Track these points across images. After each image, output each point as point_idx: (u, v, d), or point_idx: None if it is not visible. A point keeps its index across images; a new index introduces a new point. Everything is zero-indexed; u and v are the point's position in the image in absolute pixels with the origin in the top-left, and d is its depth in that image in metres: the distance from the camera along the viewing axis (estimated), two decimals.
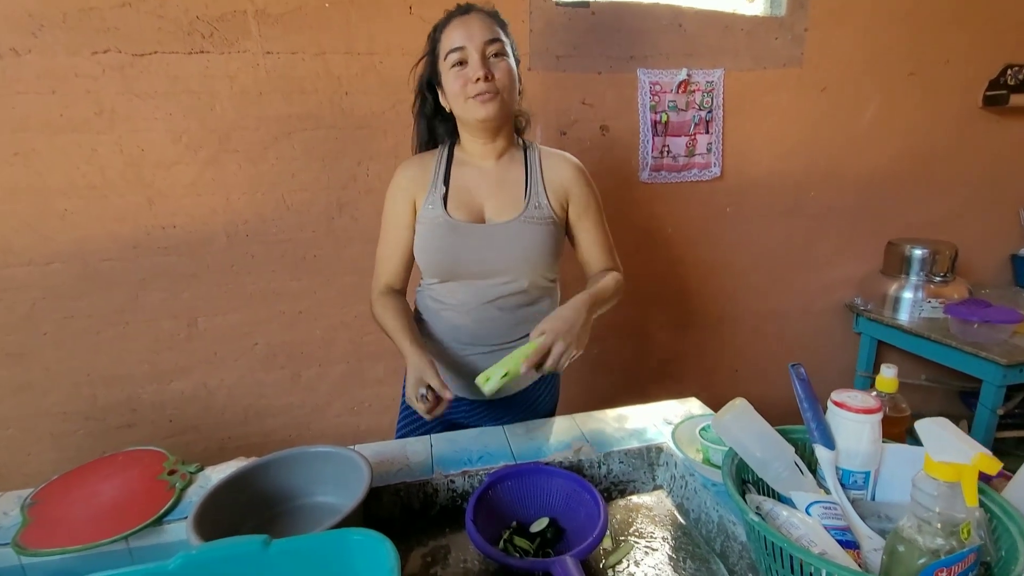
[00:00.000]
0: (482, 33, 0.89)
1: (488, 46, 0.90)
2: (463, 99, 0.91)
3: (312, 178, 1.55)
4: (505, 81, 0.91)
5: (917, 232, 2.06)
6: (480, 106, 0.90)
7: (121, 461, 0.91)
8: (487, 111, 0.91)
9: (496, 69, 0.90)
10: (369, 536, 0.54)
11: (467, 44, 0.89)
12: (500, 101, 0.91)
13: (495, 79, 0.90)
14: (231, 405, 1.64)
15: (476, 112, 0.91)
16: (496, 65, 0.91)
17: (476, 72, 0.88)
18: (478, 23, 0.90)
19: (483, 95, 0.90)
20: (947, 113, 1.99)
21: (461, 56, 0.90)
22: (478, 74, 0.88)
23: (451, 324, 1.02)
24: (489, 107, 0.91)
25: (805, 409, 0.69)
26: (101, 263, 1.47)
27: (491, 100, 0.90)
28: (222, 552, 0.53)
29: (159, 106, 1.42)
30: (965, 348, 1.62)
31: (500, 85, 0.90)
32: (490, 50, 0.90)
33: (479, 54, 0.89)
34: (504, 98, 0.92)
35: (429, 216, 0.97)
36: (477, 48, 0.89)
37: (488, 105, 0.90)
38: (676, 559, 0.75)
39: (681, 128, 1.76)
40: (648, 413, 1.02)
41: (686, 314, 1.99)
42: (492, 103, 0.90)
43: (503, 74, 0.91)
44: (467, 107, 0.92)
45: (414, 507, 0.84)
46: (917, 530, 0.52)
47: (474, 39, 0.89)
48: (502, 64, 0.91)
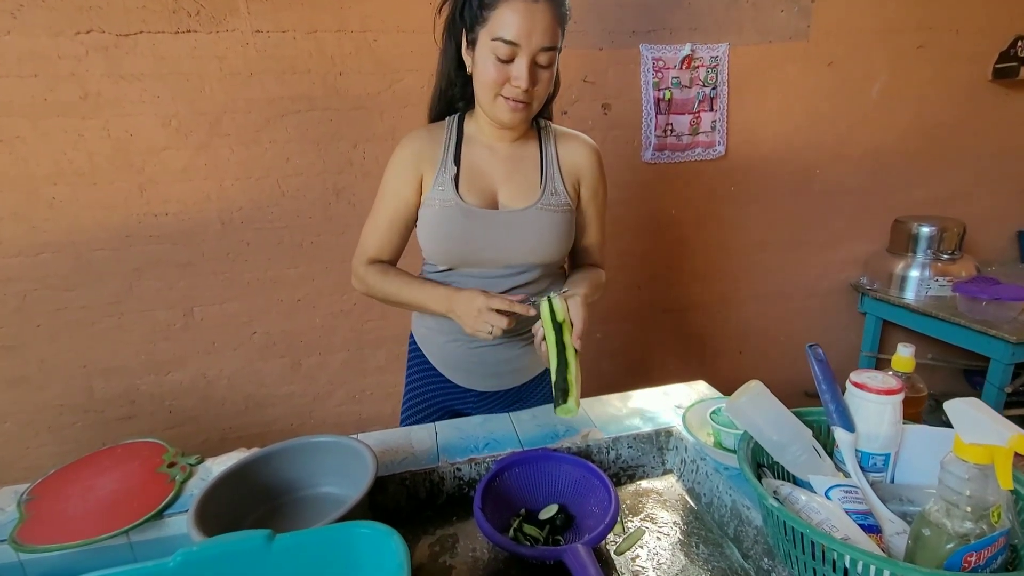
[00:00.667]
0: (542, 36, 0.78)
1: (541, 54, 0.80)
2: (492, 93, 0.83)
3: (307, 162, 1.51)
4: (542, 91, 0.84)
5: (923, 209, 2.03)
6: (508, 111, 0.83)
7: (119, 454, 0.89)
8: (513, 119, 0.84)
9: (539, 80, 0.82)
10: (376, 529, 0.52)
11: (522, 44, 0.78)
12: (530, 110, 0.85)
13: (534, 89, 0.82)
14: (231, 395, 1.63)
15: (502, 115, 0.84)
16: (541, 76, 0.82)
17: (519, 80, 0.80)
18: (543, 20, 0.78)
19: (515, 104, 0.82)
20: (956, 87, 1.95)
21: (510, 53, 0.79)
22: (520, 83, 0.80)
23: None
24: (517, 115, 0.84)
25: (824, 391, 0.67)
26: (93, 252, 1.43)
27: (521, 110, 0.83)
28: (224, 548, 0.51)
29: (146, 88, 1.37)
30: (974, 326, 1.61)
31: (536, 95, 0.84)
32: (542, 59, 0.81)
33: (529, 60, 0.79)
34: (533, 108, 0.85)
35: (439, 198, 0.89)
36: (530, 53, 0.79)
37: (517, 114, 0.84)
38: (688, 544, 0.74)
39: (685, 106, 1.71)
40: (656, 397, 1.01)
41: (690, 296, 1.96)
42: (522, 112, 0.84)
43: (544, 85, 0.83)
44: (494, 105, 0.84)
45: (420, 496, 0.82)
46: (945, 514, 0.51)
47: (532, 42, 0.78)
48: (546, 75, 0.83)
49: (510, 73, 0.80)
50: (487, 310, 0.81)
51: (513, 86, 0.81)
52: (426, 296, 0.90)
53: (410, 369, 1.07)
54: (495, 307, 0.81)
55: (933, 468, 0.63)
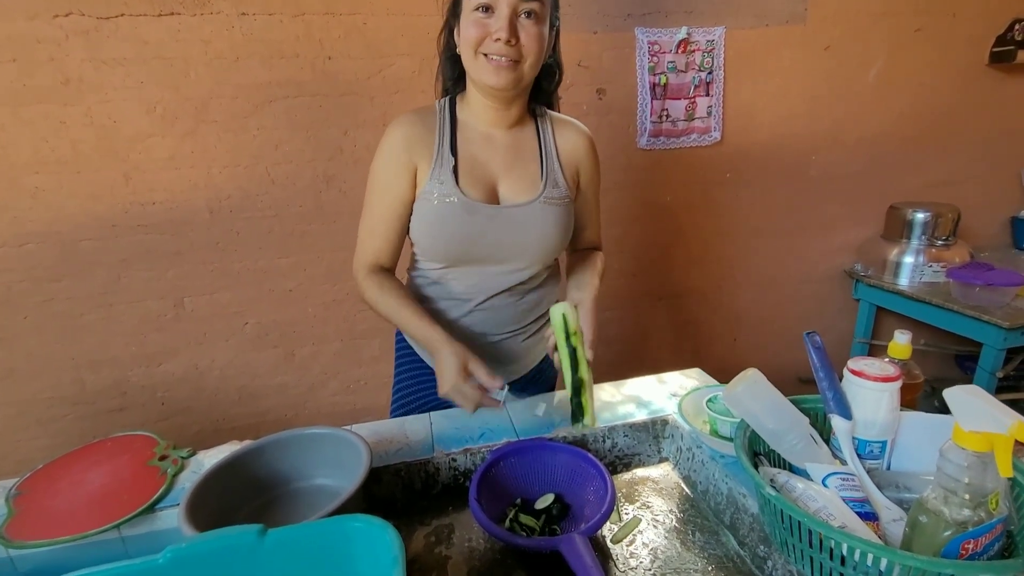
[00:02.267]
0: None
1: (523, 4, 0.75)
2: (474, 52, 0.78)
3: (296, 149, 1.48)
4: (531, 48, 0.78)
5: (918, 195, 2.03)
6: (492, 71, 0.78)
7: (110, 447, 0.88)
8: (498, 79, 0.78)
9: (524, 32, 0.77)
10: (371, 523, 0.51)
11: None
12: (518, 72, 0.79)
13: (519, 44, 0.77)
14: (223, 386, 1.61)
15: (485, 76, 0.79)
16: (525, 28, 0.77)
17: (499, 30, 0.75)
18: None
19: (499, 60, 0.77)
20: (953, 71, 1.93)
21: (488, 3, 0.76)
22: (500, 34, 0.75)
23: (452, 316, 0.93)
24: (502, 75, 0.78)
25: (821, 378, 0.66)
26: (79, 243, 1.40)
27: (507, 68, 0.77)
28: (214, 544, 0.50)
29: (129, 73, 1.33)
30: (967, 312, 1.61)
31: (524, 52, 0.78)
32: (523, 7, 0.76)
33: (509, 9, 0.75)
34: (524, 69, 0.79)
35: (439, 193, 0.83)
36: (509, 3, 0.75)
37: (501, 73, 0.77)
38: (684, 532, 0.74)
39: (680, 91, 1.69)
40: (651, 385, 1.00)
41: (685, 282, 1.96)
42: (507, 72, 0.78)
43: (531, 40, 0.77)
44: (477, 65, 0.79)
45: (415, 487, 0.81)
46: (943, 501, 0.50)
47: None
48: (533, 29, 0.77)
49: (490, 28, 0.76)
50: (456, 391, 0.80)
51: (494, 40, 0.76)
52: (415, 330, 0.86)
53: (399, 365, 1.05)
54: (465, 393, 0.79)
55: (930, 455, 0.63)
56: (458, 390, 0.79)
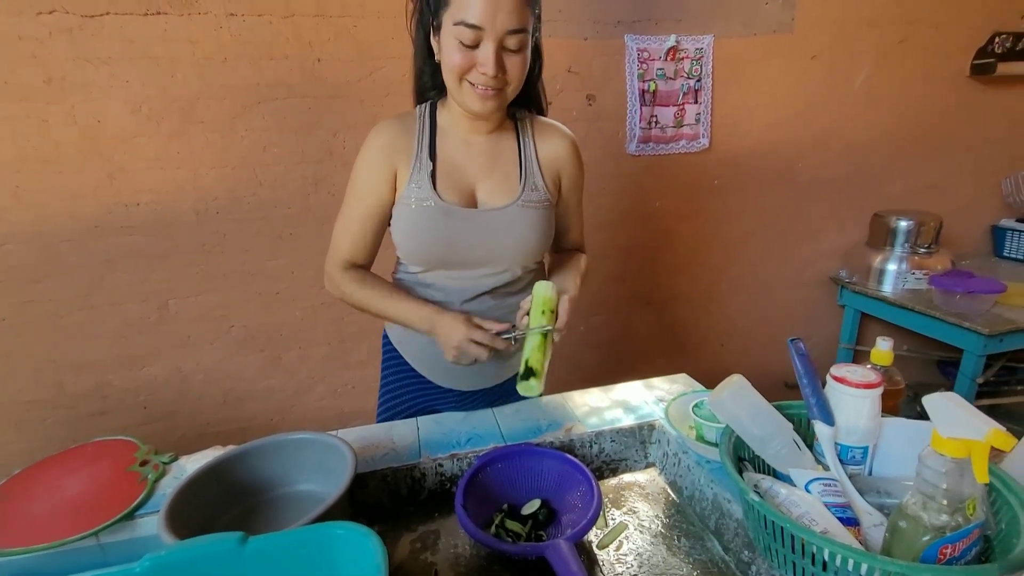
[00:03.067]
0: (508, 18, 0.72)
1: (509, 37, 0.74)
2: (458, 78, 0.78)
3: (285, 151, 1.47)
4: (515, 75, 0.78)
5: (901, 202, 2.07)
6: (478, 99, 0.78)
7: (89, 453, 0.86)
8: (483, 107, 0.79)
9: (509, 64, 0.77)
10: (353, 530, 0.51)
11: (486, 27, 0.72)
12: (502, 97, 0.80)
13: (505, 74, 0.77)
14: (208, 390, 1.59)
15: (471, 104, 0.79)
16: (511, 60, 0.77)
17: (486, 67, 0.74)
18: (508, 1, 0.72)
19: (485, 90, 0.77)
20: (935, 82, 1.97)
21: (474, 38, 0.74)
22: (487, 70, 0.74)
23: None
24: (488, 104, 0.78)
25: (804, 385, 0.67)
26: (61, 243, 1.38)
27: (492, 97, 0.78)
28: (194, 552, 0.49)
29: (115, 73, 1.32)
30: (948, 318, 1.64)
31: (509, 79, 0.78)
32: (510, 42, 0.75)
33: (495, 44, 0.74)
34: (507, 93, 0.80)
35: (416, 197, 0.84)
36: (496, 37, 0.73)
37: (488, 102, 0.78)
38: (670, 537, 0.74)
39: (669, 97, 1.71)
40: (639, 390, 1.01)
41: (673, 288, 1.97)
42: (492, 100, 0.78)
43: (515, 69, 0.78)
44: (461, 91, 0.79)
45: (401, 492, 0.81)
46: (922, 507, 0.51)
47: (497, 25, 0.72)
48: (517, 59, 0.77)
49: (476, 59, 0.75)
50: (468, 341, 0.81)
51: (480, 72, 0.76)
52: (407, 312, 0.87)
53: (385, 369, 1.04)
54: (476, 339, 0.81)
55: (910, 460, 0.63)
56: (468, 339, 0.80)
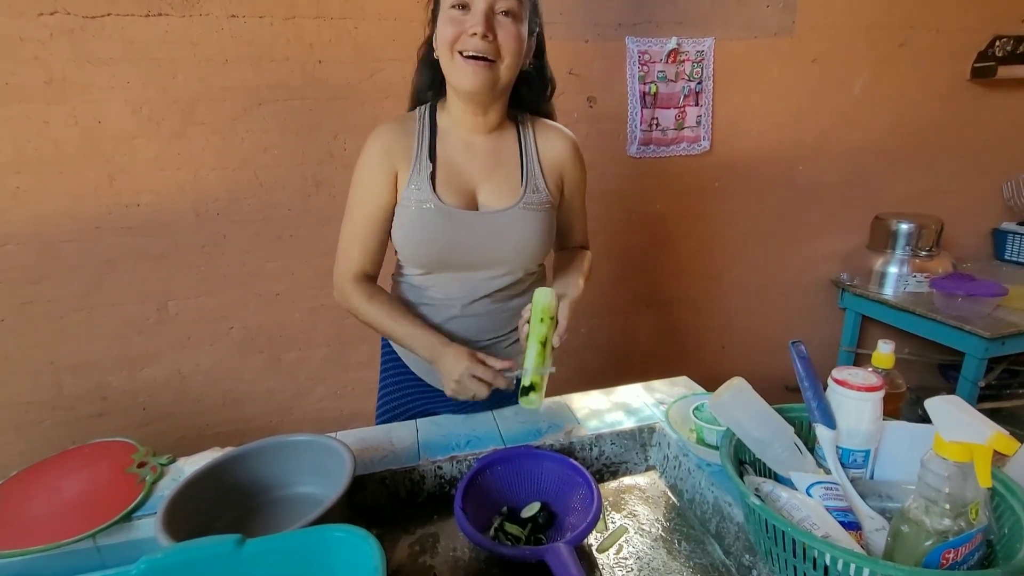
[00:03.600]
0: None
1: (499, 2, 0.75)
2: (451, 52, 0.77)
3: (286, 153, 1.47)
4: (509, 47, 0.76)
5: (902, 206, 2.06)
6: (470, 72, 0.76)
7: (87, 454, 0.86)
8: (475, 81, 0.76)
9: (501, 30, 0.75)
10: (351, 533, 0.50)
11: None
12: (494, 72, 0.77)
13: (496, 41, 0.75)
14: (207, 391, 1.58)
15: (462, 77, 0.77)
16: (503, 26, 0.75)
17: (475, 25, 0.73)
18: None
19: (476, 60, 0.75)
20: (935, 85, 1.97)
21: (464, 3, 0.75)
22: (476, 28, 0.73)
23: (436, 321, 0.92)
24: (479, 76, 0.76)
25: (806, 388, 0.67)
26: (60, 244, 1.38)
27: (483, 69, 0.76)
28: (190, 555, 0.49)
29: (115, 74, 1.32)
30: (949, 322, 1.64)
31: (502, 51, 0.76)
32: (500, 5, 0.75)
33: (486, 4, 0.74)
34: (500, 70, 0.77)
35: (416, 199, 0.83)
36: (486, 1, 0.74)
37: (479, 73, 0.76)
38: (670, 541, 0.74)
39: (670, 100, 1.71)
40: (639, 393, 1.00)
41: (673, 290, 1.97)
42: (484, 72, 0.76)
43: (508, 39, 0.76)
44: (454, 66, 0.78)
45: (400, 495, 0.80)
46: (924, 511, 0.51)
47: None
48: (510, 27, 0.76)
49: (466, 24, 0.75)
50: (469, 377, 0.80)
51: (469, 35, 0.74)
52: (412, 338, 0.86)
53: (384, 372, 1.03)
54: (478, 375, 0.79)
55: (912, 464, 0.63)
56: (470, 374, 0.79)
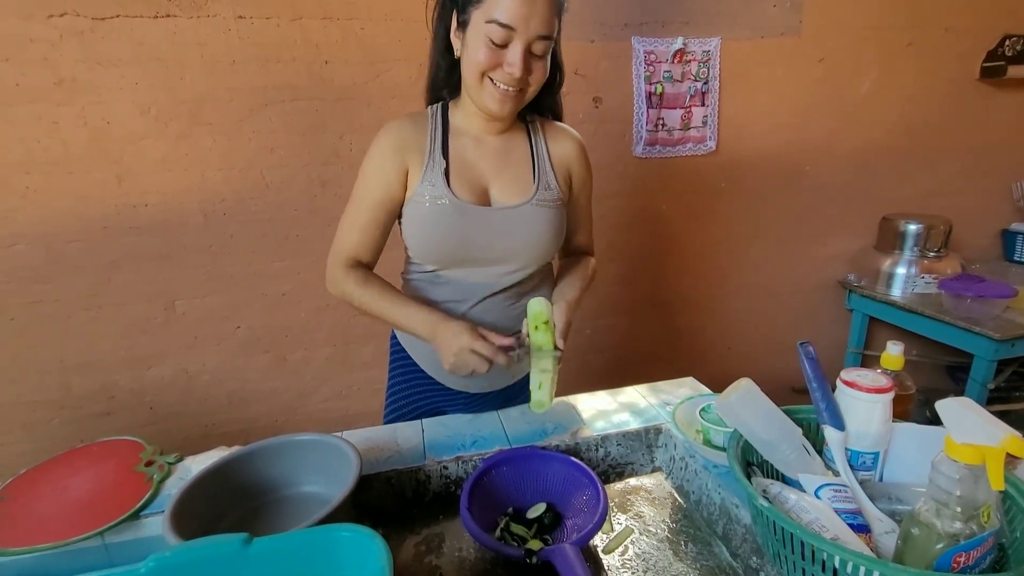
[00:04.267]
0: (540, 24, 0.75)
1: (538, 42, 0.77)
2: (480, 76, 0.79)
3: (292, 153, 1.48)
4: (536, 79, 0.81)
5: (909, 207, 2.05)
6: (498, 99, 0.80)
7: (95, 452, 0.86)
8: (502, 110, 0.81)
9: (533, 69, 0.79)
10: (358, 532, 0.50)
11: (519, 29, 0.74)
12: (520, 100, 0.82)
13: (528, 76, 0.79)
14: (213, 391, 1.59)
15: (489, 103, 0.81)
16: (534, 65, 0.79)
17: (513, 67, 0.76)
18: (542, 7, 0.75)
19: (507, 91, 0.79)
20: (944, 85, 1.96)
21: (505, 38, 0.75)
22: (514, 71, 0.76)
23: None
24: (507, 105, 0.80)
25: (814, 389, 0.66)
26: (68, 244, 1.39)
27: (512, 99, 0.80)
28: (198, 553, 0.49)
29: (124, 75, 1.32)
30: (958, 323, 1.62)
31: (530, 82, 0.80)
32: (537, 48, 0.77)
33: (524, 46, 0.76)
34: (526, 96, 0.83)
35: (430, 195, 0.84)
36: (526, 39, 0.75)
37: (507, 103, 0.80)
38: (677, 542, 0.73)
39: (676, 100, 1.70)
40: (645, 394, 1.00)
41: (679, 292, 1.96)
42: (512, 102, 0.80)
43: (537, 74, 0.80)
44: (482, 89, 0.80)
45: (406, 495, 0.81)
46: (935, 514, 0.50)
47: (529, 28, 0.75)
48: (540, 64, 0.80)
49: (503, 59, 0.77)
50: (469, 351, 0.78)
51: (506, 71, 0.77)
52: (409, 317, 0.85)
53: (393, 369, 1.04)
54: (478, 349, 0.78)
55: (922, 466, 0.62)
56: (469, 348, 0.77)
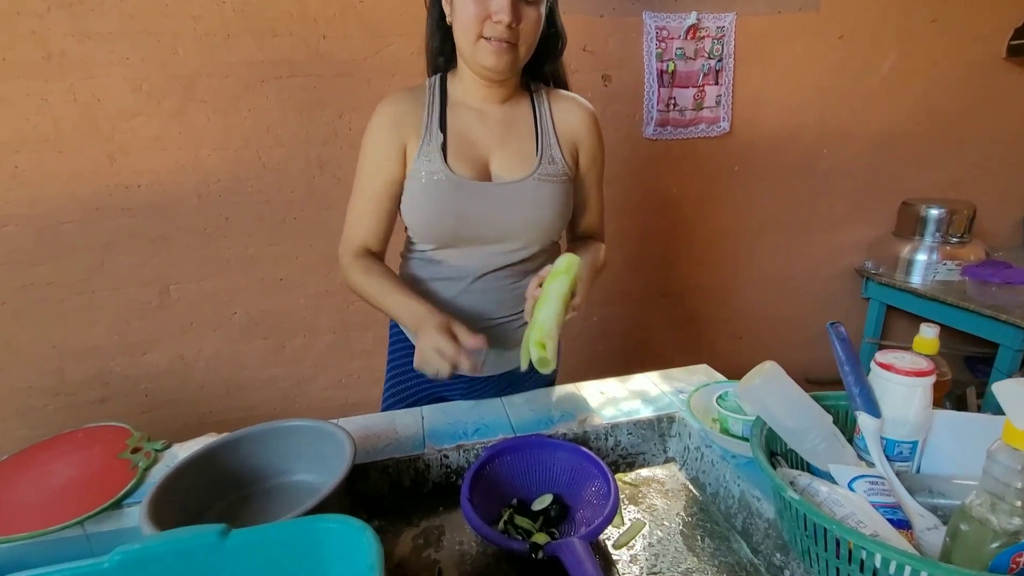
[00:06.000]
0: None
1: None
2: (473, 35, 0.75)
3: (289, 132, 1.43)
4: (529, 32, 0.76)
5: (930, 193, 1.97)
6: (491, 54, 0.75)
7: (80, 439, 0.83)
8: (498, 61, 0.76)
9: (525, 17, 0.75)
10: (346, 523, 0.46)
11: None
12: (515, 55, 0.77)
13: (519, 27, 0.75)
14: (210, 378, 1.56)
15: (484, 58, 0.76)
16: (526, 13, 0.75)
17: (502, 14, 0.72)
18: None
19: (500, 43, 0.74)
20: (969, 64, 1.88)
21: None
22: (503, 17, 0.72)
23: (446, 296, 0.89)
24: (502, 58, 0.76)
25: (847, 373, 0.61)
26: (60, 226, 1.35)
27: (506, 51, 0.75)
28: (170, 546, 0.45)
29: (115, 49, 1.28)
30: (983, 311, 1.56)
31: (522, 36, 0.76)
32: None
33: None
34: (521, 53, 0.77)
35: (426, 170, 0.81)
36: None
37: (501, 56, 0.75)
38: (692, 537, 0.69)
39: (689, 79, 1.63)
40: (657, 381, 0.95)
41: (689, 278, 1.90)
42: (506, 55, 0.76)
43: (530, 25, 0.76)
44: (476, 48, 0.76)
45: (404, 485, 0.76)
46: (990, 508, 0.45)
47: None
48: (532, 13, 0.76)
49: (490, 8, 0.73)
50: (432, 350, 0.73)
51: (494, 22, 0.73)
52: (399, 306, 0.82)
53: (392, 353, 1.00)
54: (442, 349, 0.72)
55: (965, 457, 0.57)
56: (435, 346, 0.73)
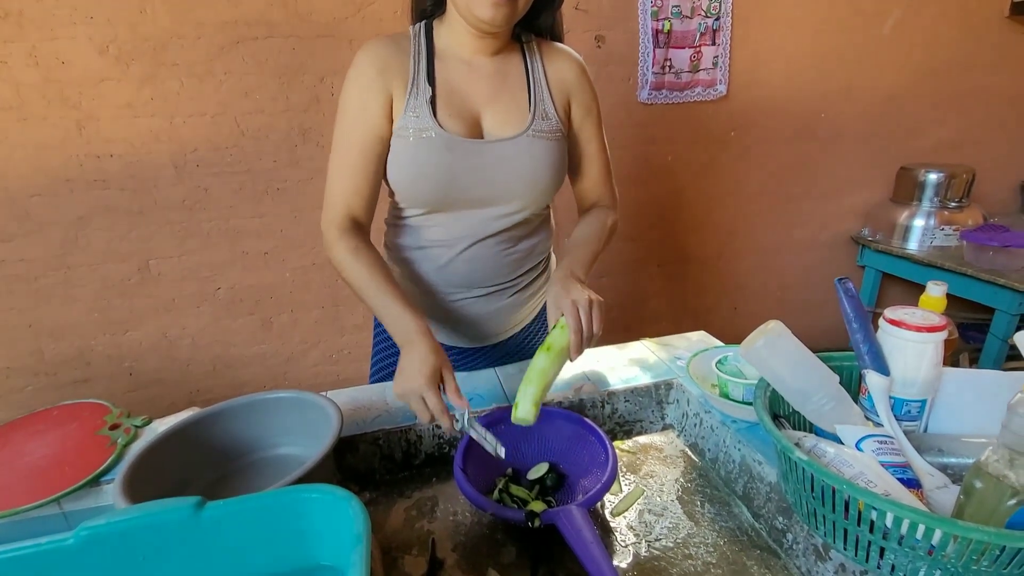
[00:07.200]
0: None
1: None
2: None
3: (268, 98, 1.36)
4: None
5: (927, 157, 1.94)
6: (489, 6, 0.69)
7: (56, 416, 0.80)
8: (495, 16, 0.70)
9: None
10: (329, 493, 0.43)
11: None
12: (514, 7, 0.71)
13: None
14: (196, 356, 1.52)
15: (481, 10, 0.70)
16: None
17: None
18: None
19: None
20: (971, 24, 1.82)
21: None
22: None
23: (436, 264, 0.83)
24: (500, 11, 0.69)
25: (855, 330, 0.58)
26: (29, 199, 1.29)
27: (505, 4, 0.70)
28: (140, 521, 0.42)
29: (77, 8, 1.20)
30: (981, 275, 1.55)
31: None
32: None
33: None
34: (520, 5, 0.72)
35: (414, 127, 0.74)
36: None
37: (500, 9, 0.69)
38: (692, 503, 0.67)
39: (685, 39, 1.57)
40: (654, 348, 0.93)
41: (684, 248, 1.87)
42: (504, 7, 0.70)
43: None
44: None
45: (395, 457, 0.74)
46: (1008, 464, 0.43)
47: None
48: None
49: None
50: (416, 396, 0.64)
51: None
52: (388, 313, 0.73)
53: (378, 326, 0.95)
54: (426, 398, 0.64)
55: (974, 415, 0.56)
56: (421, 392, 0.65)
